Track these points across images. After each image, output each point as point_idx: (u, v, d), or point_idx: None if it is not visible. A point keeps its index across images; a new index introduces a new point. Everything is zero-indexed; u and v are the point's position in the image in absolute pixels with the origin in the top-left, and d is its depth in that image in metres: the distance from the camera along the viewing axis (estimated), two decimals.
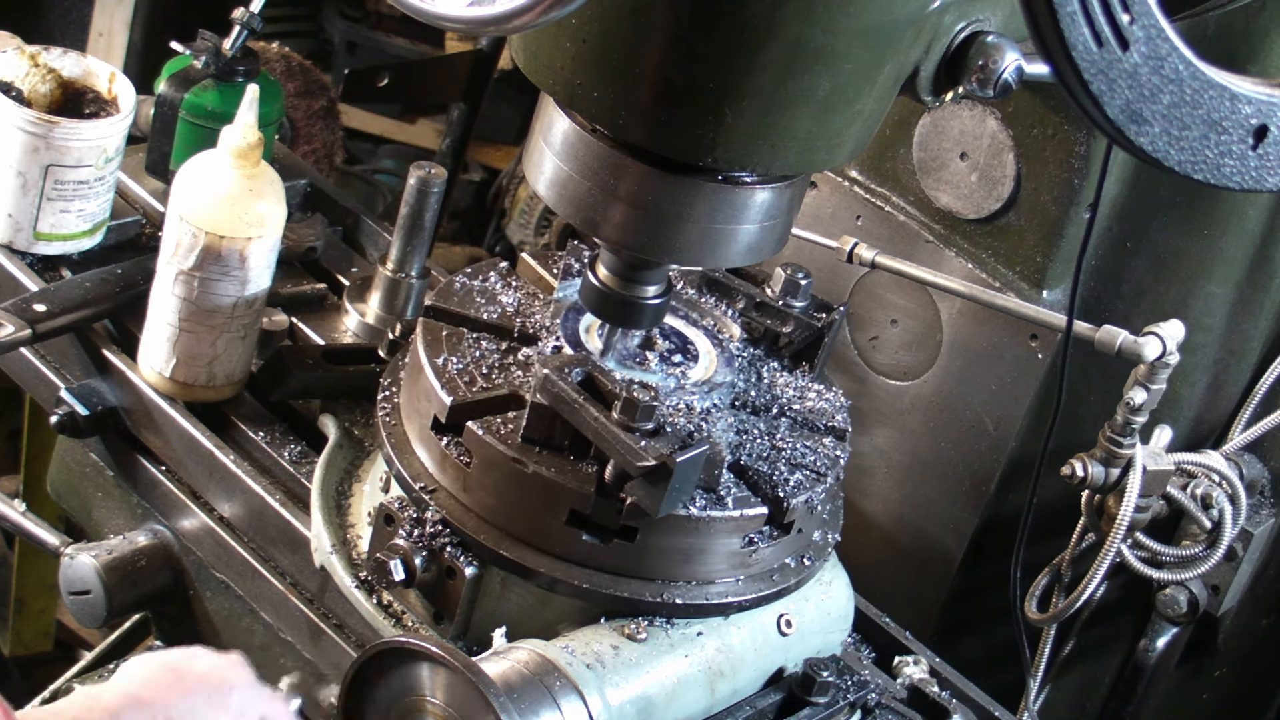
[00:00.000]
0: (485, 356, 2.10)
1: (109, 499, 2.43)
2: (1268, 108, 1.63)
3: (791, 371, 2.25)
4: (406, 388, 2.13)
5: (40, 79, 2.49)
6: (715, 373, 2.17)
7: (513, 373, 2.08)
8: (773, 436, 2.12)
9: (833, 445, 2.16)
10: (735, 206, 1.92)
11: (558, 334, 2.13)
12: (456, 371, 2.06)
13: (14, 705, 1.76)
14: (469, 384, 2.05)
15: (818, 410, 2.19)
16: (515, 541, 1.99)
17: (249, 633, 2.28)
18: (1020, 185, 2.52)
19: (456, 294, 2.19)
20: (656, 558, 2.00)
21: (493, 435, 1.99)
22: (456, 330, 2.13)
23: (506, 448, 1.98)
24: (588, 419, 1.93)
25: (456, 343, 2.10)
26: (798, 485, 2.06)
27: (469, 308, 2.16)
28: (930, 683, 2.28)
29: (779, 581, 2.09)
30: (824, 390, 2.23)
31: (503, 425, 2.01)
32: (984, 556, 2.67)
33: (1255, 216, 2.55)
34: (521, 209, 4.26)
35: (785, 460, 2.09)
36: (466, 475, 2.01)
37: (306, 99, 3.46)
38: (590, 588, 1.99)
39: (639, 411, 1.91)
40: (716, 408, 2.11)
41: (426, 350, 2.08)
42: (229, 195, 2.23)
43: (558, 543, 1.99)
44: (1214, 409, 2.71)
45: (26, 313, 2.31)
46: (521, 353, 2.12)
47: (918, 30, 1.79)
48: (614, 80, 1.80)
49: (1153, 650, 2.73)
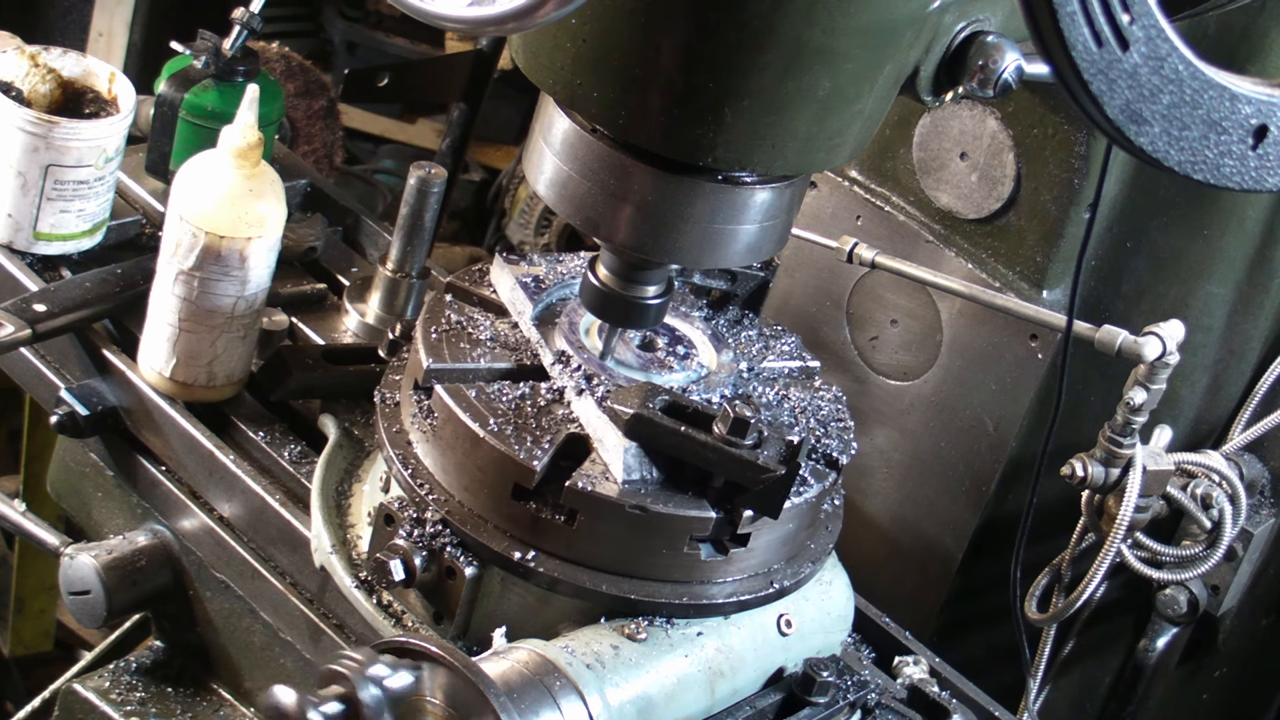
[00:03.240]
0: (501, 397, 2.04)
1: (109, 499, 2.43)
2: (1268, 108, 1.63)
3: (739, 322, 2.29)
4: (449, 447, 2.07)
5: (40, 79, 2.49)
6: (721, 356, 2.19)
7: (554, 413, 2.04)
8: (786, 399, 2.18)
9: (824, 384, 2.22)
10: (735, 206, 1.92)
11: (566, 360, 2.09)
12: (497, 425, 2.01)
13: (14, 705, 1.76)
14: (514, 430, 2.00)
15: (787, 353, 2.25)
16: (515, 541, 1.99)
17: (249, 633, 2.28)
18: (1020, 185, 2.52)
19: (448, 336, 2.10)
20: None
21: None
22: (469, 385, 2.06)
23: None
24: (696, 446, 1.95)
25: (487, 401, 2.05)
26: (840, 438, 2.13)
27: (466, 356, 2.08)
28: (930, 683, 2.28)
29: (779, 581, 2.09)
30: (777, 334, 2.28)
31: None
32: (984, 556, 2.67)
33: (1255, 216, 2.55)
34: (521, 209, 4.26)
35: (815, 418, 2.16)
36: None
37: (306, 99, 3.46)
38: (590, 588, 1.99)
39: (748, 428, 1.94)
40: (737, 388, 2.15)
41: (470, 415, 2.00)
42: (229, 195, 2.23)
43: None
44: (1214, 409, 2.71)
45: (26, 313, 2.31)
46: (543, 391, 2.06)
47: (918, 30, 1.79)
48: (614, 80, 1.80)
49: (1153, 650, 2.73)
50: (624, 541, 1.98)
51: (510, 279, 2.18)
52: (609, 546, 1.98)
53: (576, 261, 2.24)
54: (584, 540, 1.97)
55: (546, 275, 2.20)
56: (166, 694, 2.36)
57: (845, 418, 2.18)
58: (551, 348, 2.10)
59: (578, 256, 2.26)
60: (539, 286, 2.17)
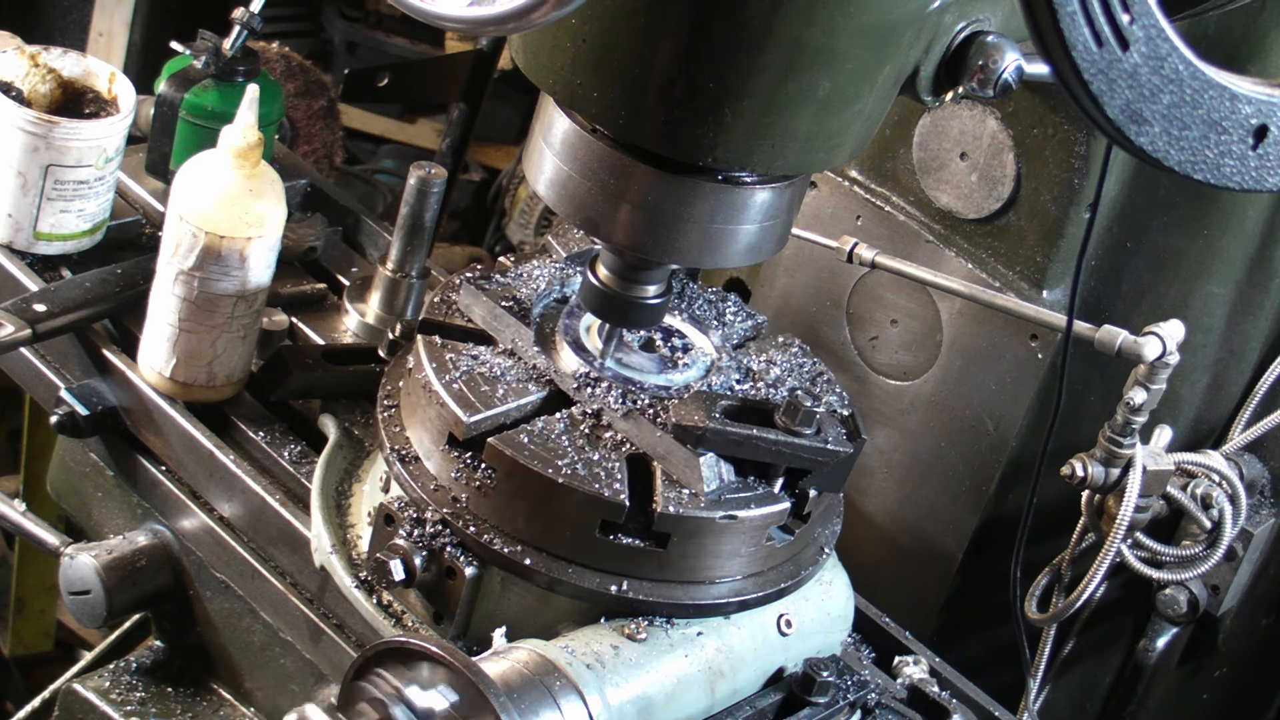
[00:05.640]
0: (550, 434, 2.02)
1: (109, 499, 2.43)
2: (1268, 108, 1.63)
3: (680, 294, 2.30)
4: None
5: (40, 79, 2.49)
6: (710, 338, 2.21)
7: (601, 437, 2.03)
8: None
9: (785, 338, 2.26)
10: (735, 206, 1.92)
11: (592, 383, 2.08)
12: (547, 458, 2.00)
13: (14, 705, 1.76)
14: (583, 466, 2.00)
15: (741, 317, 2.28)
16: (515, 541, 1.99)
17: (249, 633, 2.28)
18: (1020, 185, 2.52)
19: (465, 382, 2.05)
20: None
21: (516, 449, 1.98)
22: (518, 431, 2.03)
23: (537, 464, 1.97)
24: (769, 445, 2.01)
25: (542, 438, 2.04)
26: (835, 393, 2.17)
27: (492, 400, 2.03)
28: (930, 683, 2.28)
29: (779, 581, 2.09)
30: (723, 298, 2.30)
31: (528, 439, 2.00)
32: (984, 556, 2.67)
33: (1255, 216, 2.55)
34: (521, 209, 4.26)
35: (800, 375, 2.19)
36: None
37: (306, 99, 3.47)
38: (590, 588, 1.99)
39: (802, 414, 2.01)
40: (740, 368, 2.17)
41: (539, 463, 1.98)
42: (229, 195, 2.23)
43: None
44: (1214, 409, 2.71)
45: (26, 313, 2.31)
46: (577, 414, 2.05)
47: (918, 30, 1.79)
48: (614, 80, 1.80)
49: (1153, 650, 2.73)
50: (711, 549, 2.01)
51: (486, 304, 2.14)
52: (699, 559, 2.01)
53: (543, 270, 2.22)
54: (675, 559, 2.00)
55: (519, 289, 2.17)
56: (166, 694, 2.36)
57: (822, 368, 2.22)
58: (564, 369, 2.09)
59: (543, 264, 2.23)
60: (521, 307, 2.15)
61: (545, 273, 2.21)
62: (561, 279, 2.22)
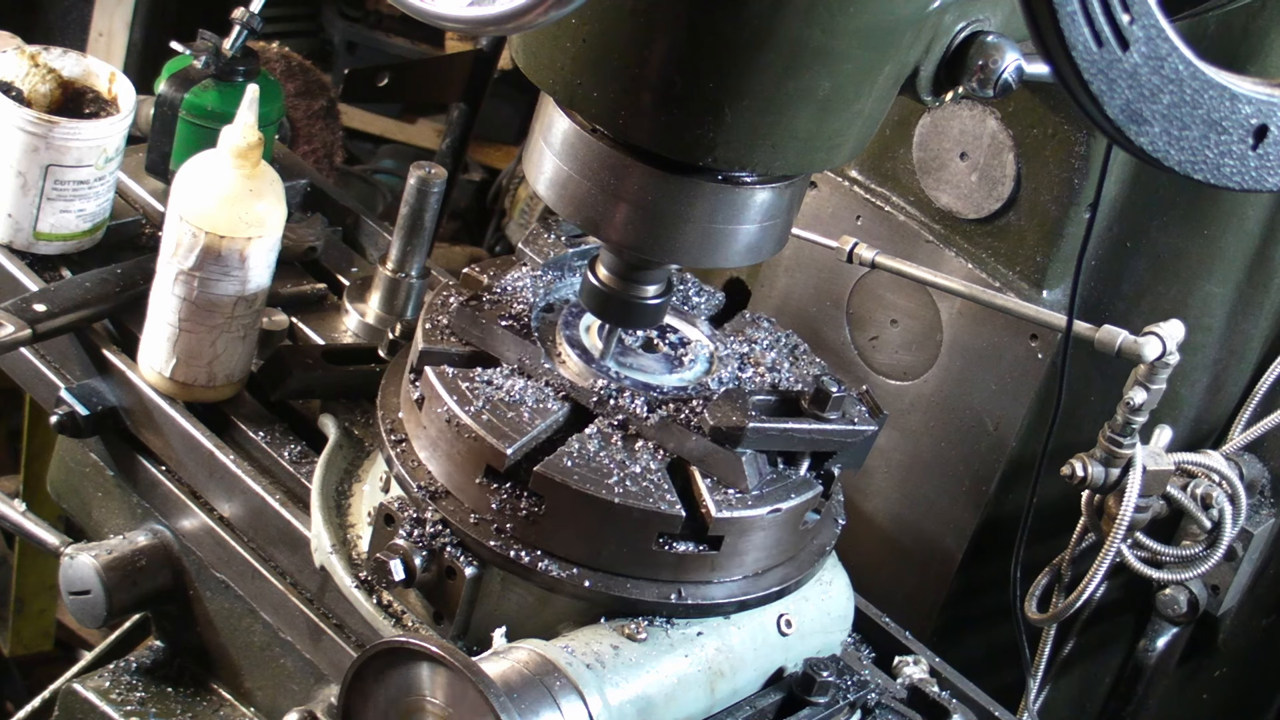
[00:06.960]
0: (596, 457, 2.01)
1: (109, 499, 2.43)
2: (1268, 108, 1.63)
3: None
4: None
5: (40, 79, 2.49)
6: (701, 329, 2.21)
7: (634, 449, 2.03)
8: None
9: (755, 315, 2.27)
10: (735, 206, 1.92)
11: (614, 396, 2.07)
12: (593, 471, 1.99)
13: (14, 705, 1.76)
14: (633, 483, 1.99)
15: (716, 303, 2.30)
16: (515, 541, 1.99)
17: (249, 633, 2.28)
18: (1020, 185, 2.52)
19: (494, 413, 2.02)
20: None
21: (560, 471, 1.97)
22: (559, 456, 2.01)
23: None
24: (803, 435, 2.06)
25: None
26: (819, 366, 2.21)
27: (526, 427, 2.01)
28: (930, 683, 2.28)
29: (779, 581, 2.09)
30: (693, 287, 2.31)
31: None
32: (984, 556, 2.67)
33: (1255, 216, 2.55)
34: (521, 209, 4.27)
35: (784, 350, 2.22)
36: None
37: (306, 99, 3.47)
38: (590, 588, 1.99)
39: (830, 401, 2.06)
40: (737, 357, 2.19)
41: (592, 486, 1.97)
42: (229, 195, 2.23)
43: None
44: (1214, 409, 2.71)
45: (26, 313, 2.31)
46: (605, 427, 2.05)
47: (917, 30, 1.79)
48: (614, 80, 1.80)
49: (1153, 650, 2.73)
50: (759, 544, 2.04)
51: (485, 327, 2.11)
52: (747, 555, 2.04)
53: (524, 281, 2.20)
54: (726, 559, 2.02)
55: (511, 305, 2.15)
56: (166, 694, 2.36)
57: (797, 339, 2.25)
58: (578, 380, 2.09)
59: (521, 274, 2.20)
60: (520, 324, 2.13)
61: (528, 283, 2.20)
62: (545, 287, 2.21)
